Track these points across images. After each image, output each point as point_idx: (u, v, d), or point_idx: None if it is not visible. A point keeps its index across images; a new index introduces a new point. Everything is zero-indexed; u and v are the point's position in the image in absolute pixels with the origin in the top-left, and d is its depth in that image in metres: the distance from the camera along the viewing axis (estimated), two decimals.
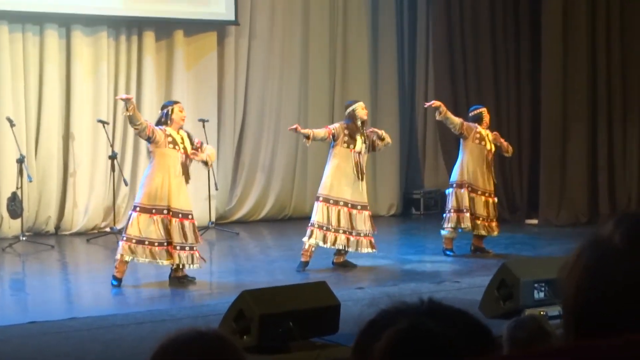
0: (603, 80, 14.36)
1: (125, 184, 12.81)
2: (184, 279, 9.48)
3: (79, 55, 13.08)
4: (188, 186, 9.57)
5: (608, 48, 14.36)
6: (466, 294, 8.71)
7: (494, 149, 11.22)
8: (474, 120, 11.20)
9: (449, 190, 11.18)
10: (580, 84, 14.28)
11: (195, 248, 9.43)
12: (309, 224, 10.18)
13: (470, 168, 11.05)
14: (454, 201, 11.03)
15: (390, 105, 15.47)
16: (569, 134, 14.29)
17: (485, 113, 11.29)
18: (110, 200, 13.02)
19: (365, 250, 10.23)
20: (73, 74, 13.11)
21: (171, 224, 9.26)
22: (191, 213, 9.49)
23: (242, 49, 14.39)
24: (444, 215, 11.32)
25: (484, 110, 11.34)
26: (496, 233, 11.25)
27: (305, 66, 14.86)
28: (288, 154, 14.70)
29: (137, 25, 13.57)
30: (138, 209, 9.31)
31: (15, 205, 12.11)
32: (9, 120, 11.97)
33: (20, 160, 11.81)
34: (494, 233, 11.22)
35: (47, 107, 12.95)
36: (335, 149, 10.23)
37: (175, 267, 9.42)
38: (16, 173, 11.87)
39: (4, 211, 12.35)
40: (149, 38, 13.61)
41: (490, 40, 14.94)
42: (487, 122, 11.27)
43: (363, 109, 10.35)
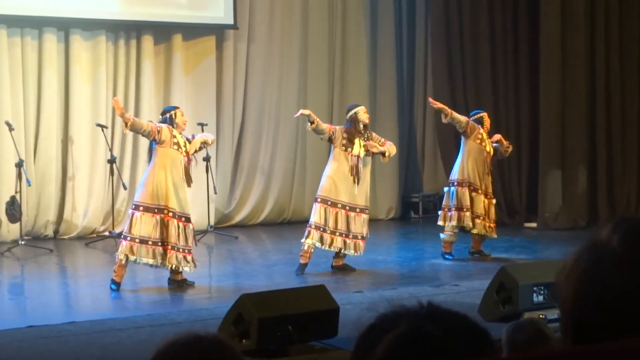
0: (602, 83, 14.37)
1: (124, 187, 12.80)
2: (183, 282, 9.47)
3: (78, 59, 13.09)
4: (187, 190, 9.57)
5: (607, 50, 14.37)
6: (465, 297, 8.70)
7: (492, 152, 11.25)
8: None
9: (449, 188, 11.17)
10: (579, 86, 14.29)
11: (190, 251, 9.41)
12: (307, 225, 10.23)
13: (470, 166, 11.06)
14: (455, 199, 11.03)
15: (389, 108, 15.47)
16: (568, 137, 14.29)
17: (486, 118, 11.31)
18: (109, 204, 13.02)
19: (356, 252, 10.19)
20: (72, 78, 13.11)
21: (171, 225, 9.25)
22: (190, 217, 9.49)
23: (241, 53, 14.39)
24: (439, 212, 11.30)
25: (484, 115, 11.35)
26: (495, 236, 11.26)
27: (304, 70, 14.86)
28: (287, 157, 14.69)
29: (136, 30, 13.57)
30: (141, 207, 9.26)
31: (14, 209, 12.10)
32: (8, 124, 11.97)
33: (19, 164, 11.82)
34: (492, 235, 11.21)
35: (46, 111, 12.95)
36: (334, 151, 10.28)
37: (174, 271, 9.41)
38: (15, 177, 11.87)
39: (3, 215, 12.33)
40: (147, 42, 13.61)
41: (488, 43, 14.94)
42: (488, 127, 11.29)
43: (365, 112, 10.37)
